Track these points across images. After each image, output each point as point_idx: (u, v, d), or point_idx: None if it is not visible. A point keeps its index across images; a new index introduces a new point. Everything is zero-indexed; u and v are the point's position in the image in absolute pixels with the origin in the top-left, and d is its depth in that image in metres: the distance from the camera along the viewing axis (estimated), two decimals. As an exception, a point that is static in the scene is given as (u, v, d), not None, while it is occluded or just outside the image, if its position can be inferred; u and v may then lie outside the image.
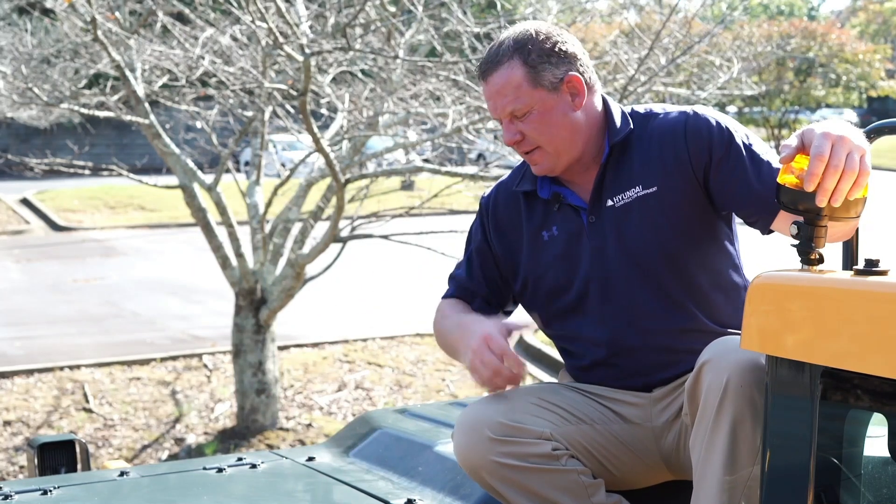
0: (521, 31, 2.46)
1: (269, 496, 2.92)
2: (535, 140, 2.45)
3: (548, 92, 2.42)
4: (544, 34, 2.44)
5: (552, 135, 2.44)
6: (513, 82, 2.42)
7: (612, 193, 2.46)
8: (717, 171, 2.38)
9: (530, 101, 2.42)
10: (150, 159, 13.15)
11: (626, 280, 2.44)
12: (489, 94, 2.47)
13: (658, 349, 2.44)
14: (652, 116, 2.50)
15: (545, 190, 2.54)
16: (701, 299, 2.44)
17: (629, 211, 2.44)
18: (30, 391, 9.38)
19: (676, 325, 2.43)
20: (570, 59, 2.44)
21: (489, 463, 2.33)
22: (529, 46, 2.42)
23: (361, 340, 10.91)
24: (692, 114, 2.45)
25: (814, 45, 28.14)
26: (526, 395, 2.45)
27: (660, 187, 2.42)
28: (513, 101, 2.43)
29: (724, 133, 2.39)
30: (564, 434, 2.38)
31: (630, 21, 9.39)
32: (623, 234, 2.43)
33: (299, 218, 8.38)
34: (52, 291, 13.88)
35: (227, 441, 8.44)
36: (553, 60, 2.42)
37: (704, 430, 2.17)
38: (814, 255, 1.98)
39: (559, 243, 2.50)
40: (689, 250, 2.42)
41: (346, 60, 7.65)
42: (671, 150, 2.42)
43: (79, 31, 8.80)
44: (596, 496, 2.36)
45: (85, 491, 2.90)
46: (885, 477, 2.03)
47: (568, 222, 2.50)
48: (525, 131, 2.45)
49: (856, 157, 1.99)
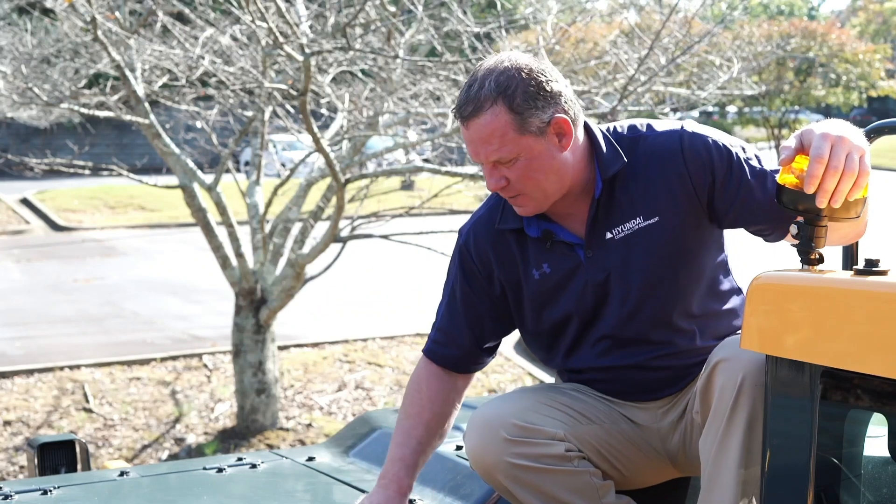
0: (501, 69, 2.28)
1: (269, 496, 2.93)
2: (521, 186, 2.32)
3: (535, 137, 2.28)
4: (526, 72, 2.27)
5: (540, 180, 2.31)
6: (497, 131, 2.26)
7: (610, 226, 2.37)
8: (721, 193, 2.32)
9: (516, 149, 2.27)
10: (150, 159, 13.15)
11: (629, 311, 2.39)
12: (471, 139, 2.30)
13: (663, 369, 2.43)
14: (640, 138, 2.38)
15: (533, 228, 2.42)
16: (700, 317, 2.43)
17: (630, 243, 2.36)
18: (30, 391, 9.38)
19: (680, 347, 2.41)
20: (556, 99, 2.29)
21: (503, 463, 2.32)
22: (513, 89, 2.25)
23: (361, 340, 10.90)
24: (685, 133, 2.35)
25: (814, 45, 28.08)
26: (537, 395, 2.45)
27: (661, 217, 2.34)
28: (497, 149, 2.27)
29: (723, 152, 2.32)
30: (576, 434, 2.38)
31: (630, 21, 9.37)
32: (628, 266, 2.36)
33: (299, 218, 8.38)
34: (52, 291, 13.87)
35: (227, 441, 8.44)
36: (539, 104, 2.27)
37: (718, 427, 2.17)
38: (814, 255, 1.98)
39: (554, 281, 2.41)
40: (688, 272, 2.39)
41: (346, 60, 7.64)
42: (670, 175, 2.33)
43: (79, 31, 8.79)
44: (606, 497, 2.38)
45: (85, 491, 2.90)
46: (885, 477, 2.03)
47: (562, 259, 2.40)
48: (510, 177, 2.30)
49: (855, 158, 1.99)
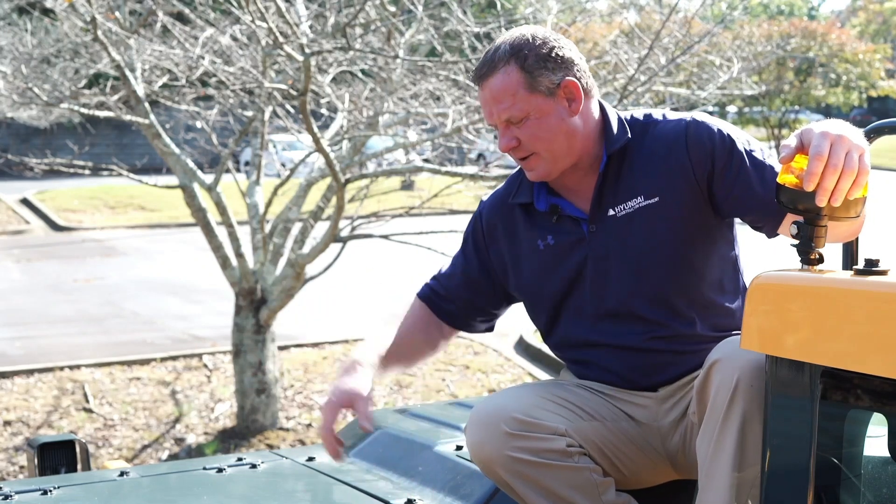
0: (517, 35, 2.43)
1: (269, 496, 2.93)
2: (531, 146, 2.42)
3: (545, 97, 2.39)
4: (541, 39, 2.41)
5: (549, 141, 2.41)
6: (509, 88, 2.39)
7: (612, 203, 2.44)
8: (720, 179, 2.37)
9: (527, 106, 2.39)
10: (150, 159, 13.15)
11: (628, 288, 2.43)
12: (485, 99, 2.44)
13: (659, 351, 2.45)
14: (651, 123, 2.47)
15: (542, 202, 2.52)
16: (702, 305, 2.44)
17: (631, 221, 2.42)
18: (30, 391, 9.38)
19: (677, 331, 2.43)
20: (567, 65, 2.41)
21: (503, 457, 2.33)
22: (526, 51, 2.39)
23: (361, 340, 10.88)
24: (692, 121, 2.43)
25: (814, 44, 28.11)
26: (539, 391, 2.47)
27: (662, 198, 2.40)
28: (509, 107, 2.39)
29: (725, 140, 2.37)
30: (577, 430, 2.38)
31: (630, 21, 9.38)
32: (626, 244, 2.42)
33: (299, 218, 8.37)
34: (52, 291, 13.87)
35: (227, 441, 8.43)
36: (550, 66, 2.39)
37: (713, 428, 2.18)
38: (814, 255, 1.98)
39: (556, 252, 2.49)
40: (690, 258, 2.42)
41: (346, 60, 7.64)
42: (672, 159, 2.40)
43: (79, 31, 8.79)
44: (606, 494, 2.38)
45: (85, 491, 2.90)
46: (885, 477, 2.03)
47: (566, 232, 2.49)
48: (521, 137, 2.42)
49: (855, 156, 2.00)
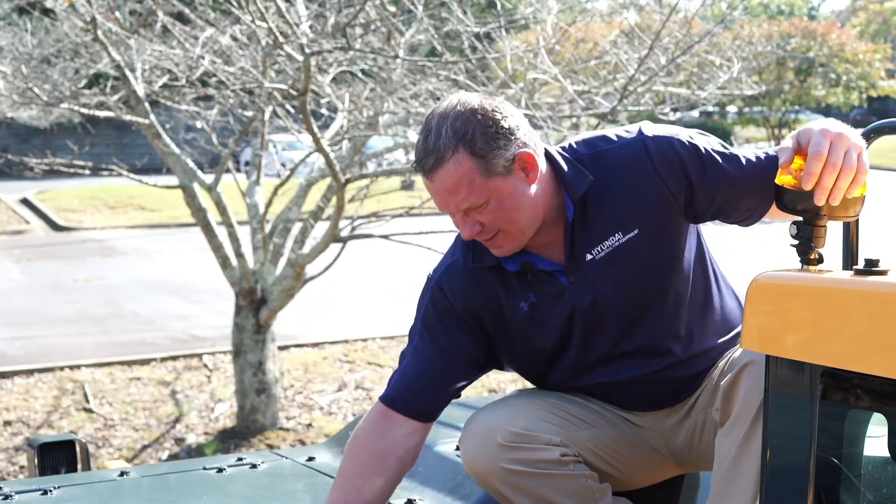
0: (455, 114, 2.22)
1: (269, 496, 2.93)
2: (496, 226, 2.28)
3: (502, 178, 2.23)
4: (481, 114, 2.22)
5: (514, 217, 2.27)
6: (464, 178, 2.21)
7: (588, 247, 2.32)
8: (700, 190, 2.28)
9: (486, 192, 2.23)
10: (150, 159, 13.14)
11: (621, 329, 2.37)
12: (437, 191, 2.25)
13: (668, 381, 2.42)
14: (600, 154, 2.33)
15: (510, 263, 2.37)
16: (697, 318, 2.41)
17: (612, 260, 2.32)
18: (30, 391, 9.38)
19: (675, 357, 2.40)
20: (515, 134, 2.24)
21: (499, 469, 2.32)
22: (471, 133, 2.20)
23: (361, 340, 10.90)
24: (648, 138, 2.31)
25: (814, 44, 28.10)
26: (533, 400, 2.45)
27: (641, 228, 2.30)
28: (466, 196, 2.23)
29: (690, 150, 2.28)
30: (572, 439, 2.37)
31: (630, 21, 9.37)
32: (613, 284, 2.33)
33: (299, 218, 8.37)
34: (52, 291, 13.87)
35: (228, 441, 8.43)
36: (501, 143, 2.22)
37: (741, 429, 2.17)
38: (813, 255, 1.98)
39: (541, 309, 2.37)
40: (678, 278, 2.36)
41: (346, 60, 7.64)
42: (642, 184, 2.29)
43: (79, 31, 8.78)
44: (603, 500, 2.37)
45: (85, 491, 2.90)
46: (885, 477, 2.03)
47: (545, 287, 2.36)
48: (484, 221, 2.27)
49: (853, 155, 2.00)
